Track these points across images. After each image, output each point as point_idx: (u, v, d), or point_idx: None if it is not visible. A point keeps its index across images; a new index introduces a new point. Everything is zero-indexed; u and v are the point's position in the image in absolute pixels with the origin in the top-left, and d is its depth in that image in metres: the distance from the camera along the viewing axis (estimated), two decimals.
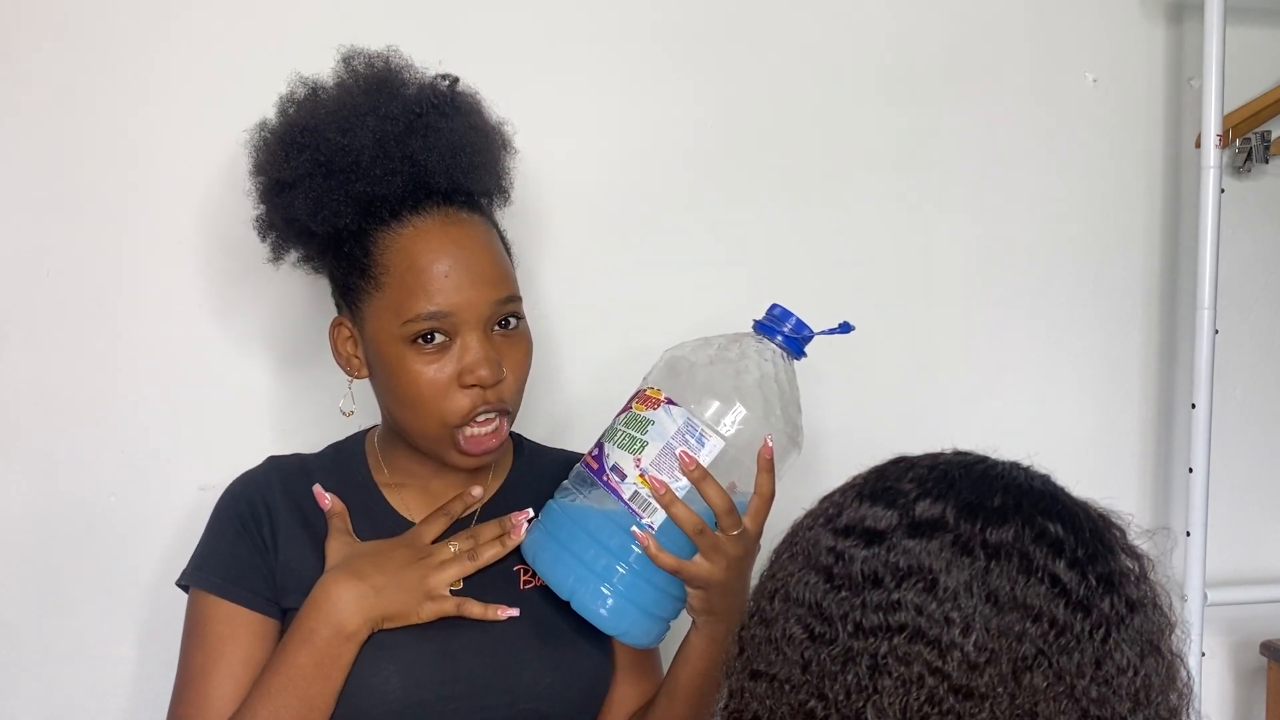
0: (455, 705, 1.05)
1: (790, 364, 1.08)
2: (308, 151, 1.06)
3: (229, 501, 1.12)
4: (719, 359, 1.05)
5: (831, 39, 1.56)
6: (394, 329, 1.04)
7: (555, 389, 1.46)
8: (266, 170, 1.10)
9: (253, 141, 1.12)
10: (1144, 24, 1.65)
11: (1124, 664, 0.68)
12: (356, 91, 1.09)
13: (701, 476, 1.00)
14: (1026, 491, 0.73)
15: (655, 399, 1.04)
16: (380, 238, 1.06)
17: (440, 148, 1.07)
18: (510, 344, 1.08)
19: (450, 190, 1.08)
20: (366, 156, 1.05)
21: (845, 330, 1.09)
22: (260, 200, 1.12)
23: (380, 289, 1.06)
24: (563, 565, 1.04)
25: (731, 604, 1.03)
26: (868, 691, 0.68)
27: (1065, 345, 1.66)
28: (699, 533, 1.00)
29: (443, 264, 1.04)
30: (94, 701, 1.38)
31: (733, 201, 1.53)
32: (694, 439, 1.01)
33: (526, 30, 1.45)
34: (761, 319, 1.08)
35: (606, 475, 1.04)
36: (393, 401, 1.08)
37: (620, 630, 1.05)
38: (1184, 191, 1.67)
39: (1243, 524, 1.72)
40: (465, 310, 1.04)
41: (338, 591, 1.03)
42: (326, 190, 1.05)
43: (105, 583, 1.37)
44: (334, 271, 1.11)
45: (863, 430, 1.56)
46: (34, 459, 1.35)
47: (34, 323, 1.34)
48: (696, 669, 1.07)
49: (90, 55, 1.34)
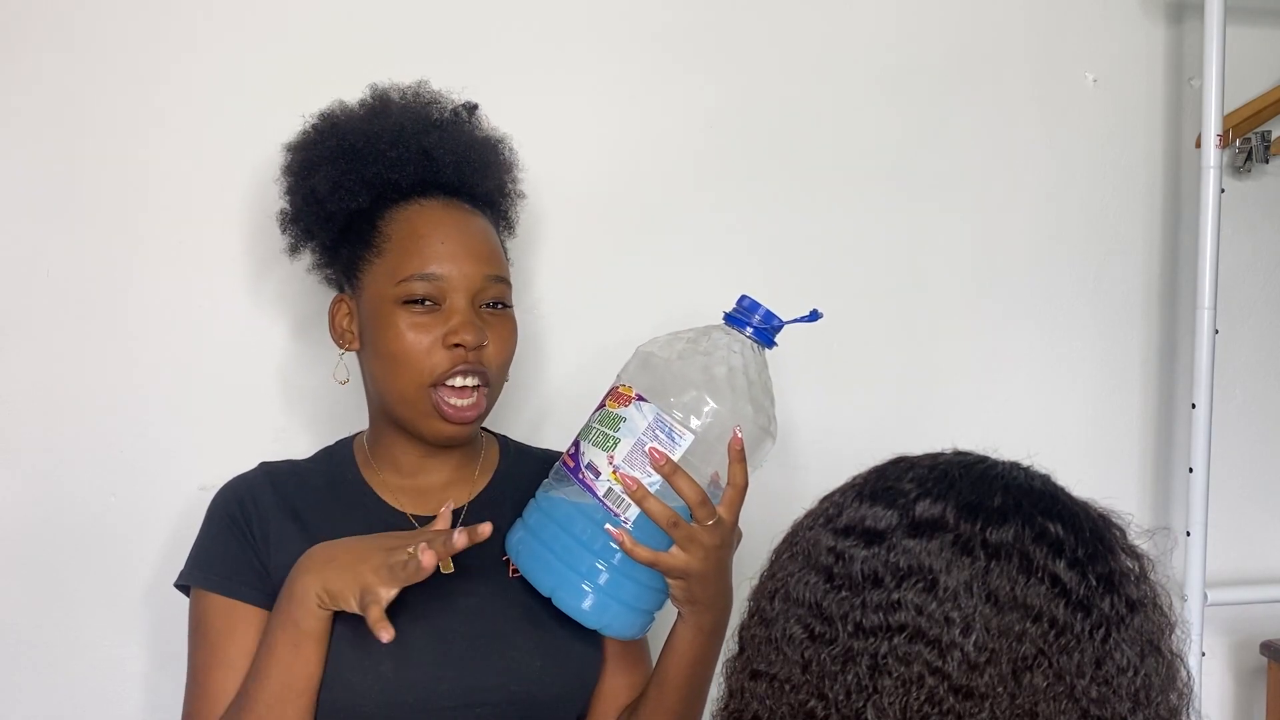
0: (447, 687, 1.07)
1: (761, 354, 1.09)
2: (334, 138, 1.16)
3: (219, 503, 1.15)
4: (688, 353, 1.07)
5: (831, 39, 1.56)
6: (389, 290, 1.11)
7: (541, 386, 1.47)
8: (295, 155, 1.19)
9: (290, 139, 1.20)
10: (1144, 24, 1.66)
11: (1124, 664, 0.68)
12: (388, 101, 1.20)
13: (672, 471, 1.02)
14: (1026, 491, 0.73)
15: (627, 396, 1.06)
16: (387, 213, 1.14)
17: (453, 147, 1.17)
18: (497, 322, 1.14)
19: (457, 185, 1.17)
20: (385, 143, 1.14)
21: (814, 318, 1.10)
22: (286, 191, 1.20)
23: (381, 255, 1.13)
24: (543, 564, 1.06)
25: (713, 593, 1.06)
26: (868, 691, 0.68)
27: (1065, 345, 1.66)
28: (673, 525, 1.02)
29: (440, 234, 1.12)
30: (94, 701, 1.38)
31: (732, 201, 1.53)
32: (664, 434, 1.03)
33: (520, 29, 1.45)
34: (730, 311, 1.10)
35: (582, 473, 1.06)
36: (377, 362, 1.12)
37: (603, 624, 1.07)
38: (1184, 192, 1.67)
39: (1243, 524, 1.72)
40: (456, 278, 1.11)
41: (308, 558, 1.05)
42: (346, 171, 1.14)
43: (105, 583, 1.37)
44: (342, 254, 1.17)
45: (862, 430, 1.56)
46: (34, 459, 1.35)
47: (34, 323, 1.34)
48: (684, 659, 1.09)
49: (90, 57, 1.34)
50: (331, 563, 1.04)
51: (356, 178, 1.14)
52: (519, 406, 1.41)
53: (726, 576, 1.07)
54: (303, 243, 1.21)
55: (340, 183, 1.14)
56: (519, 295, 1.19)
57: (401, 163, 1.14)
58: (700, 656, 1.09)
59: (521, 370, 1.18)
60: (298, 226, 1.19)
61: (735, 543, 1.08)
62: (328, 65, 1.36)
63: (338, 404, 1.33)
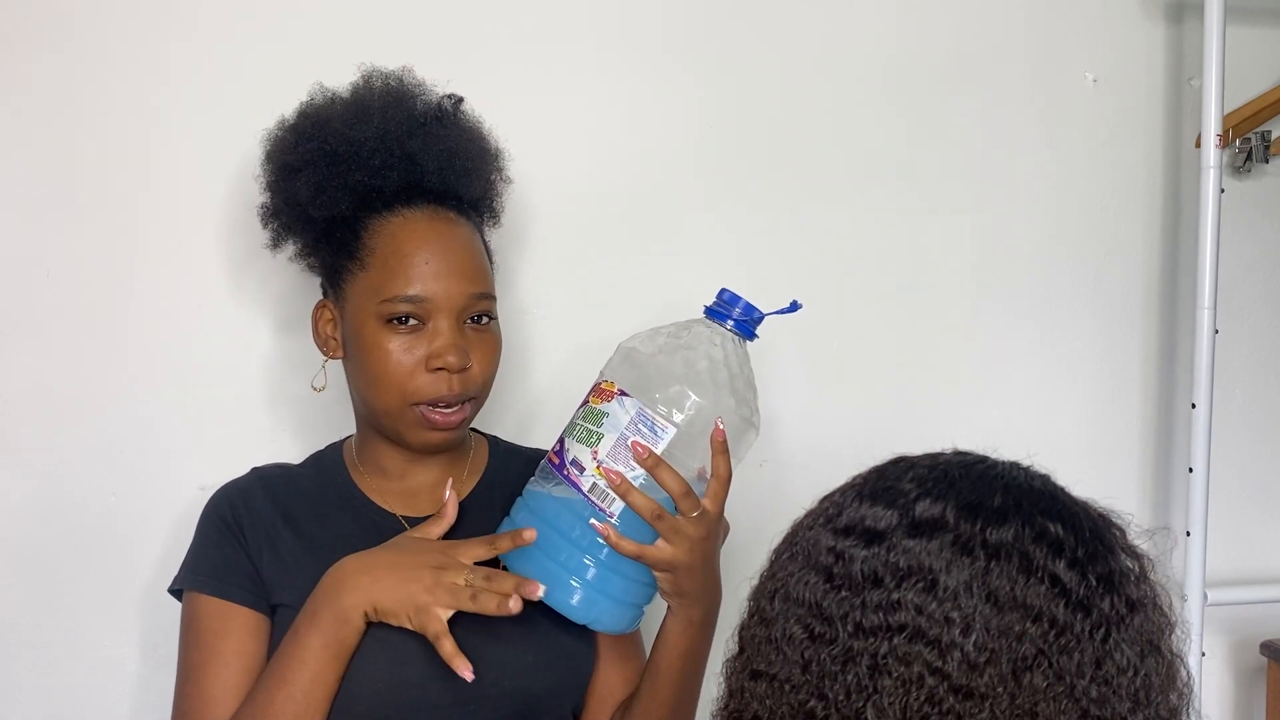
0: (440, 684, 1.06)
1: (742, 347, 1.10)
2: (315, 140, 1.13)
3: (211, 509, 1.16)
4: (669, 347, 1.07)
5: (831, 39, 1.56)
6: (372, 307, 1.10)
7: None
8: (276, 156, 1.17)
9: (269, 132, 1.18)
10: (1144, 24, 1.66)
11: (1124, 664, 0.68)
12: (369, 98, 1.16)
13: (655, 464, 1.02)
14: (1026, 491, 0.73)
15: (610, 391, 1.06)
16: (371, 224, 1.12)
17: (437, 152, 1.14)
18: (480, 338, 1.13)
19: (442, 192, 1.15)
20: (368, 149, 1.12)
21: (794, 309, 1.11)
22: (266, 187, 1.18)
23: (365, 269, 1.11)
24: (531, 561, 1.06)
25: (701, 585, 1.06)
26: (868, 691, 0.68)
27: (1065, 345, 1.66)
28: (657, 518, 1.02)
29: (425, 253, 1.10)
30: (94, 701, 1.38)
31: (730, 201, 1.53)
32: (647, 428, 1.03)
33: (517, 28, 1.45)
34: (711, 304, 1.10)
35: (567, 469, 1.06)
36: (362, 378, 1.13)
37: (591, 619, 1.07)
38: (1184, 191, 1.67)
39: (1243, 524, 1.72)
40: (440, 298, 1.10)
41: (343, 573, 1.05)
42: (328, 177, 1.12)
43: (105, 583, 1.37)
44: (324, 257, 1.16)
45: (862, 430, 1.56)
46: (34, 459, 1.35)
47: (34, 323, 1.34)
48: (675, 651, 1.09)
49: (90, 57, 1.34)
50: (376, 581, 1.03)
51: (339, 184, 1.12)
52: (507, 405, 1.41)
53: (714, 568, 1.08)
54: (283, 238, 1.20)
55: (322, 188, 1.12)
56: (507, 291, 1.18)
57: (385, 169, 1.12)
58: (691, 649, 1.09)
59: (509, 369, 1.18)
60: (278, 222, 1.19)
61: (722, 535, 1.09)
62: (325, 63, 1.36)
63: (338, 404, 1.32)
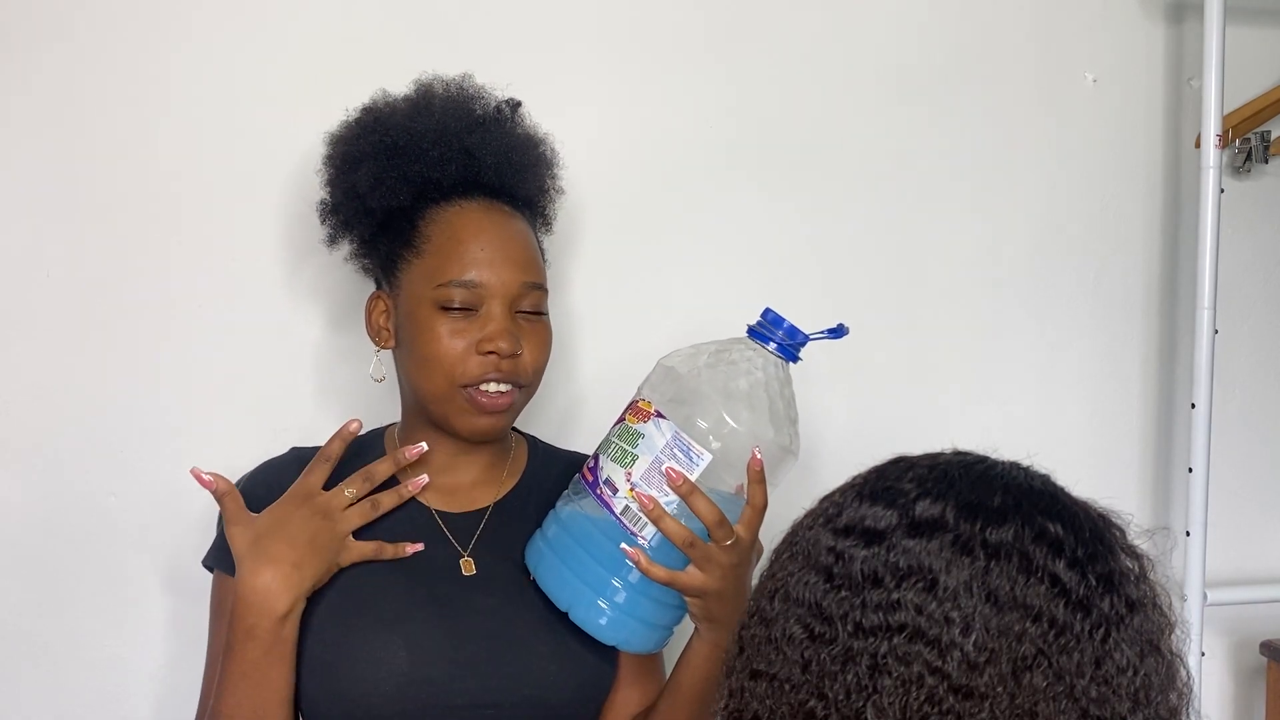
0: (461, 685, 1.06)
1: (784, 369, 1.07)
2: (377, 134, 1.16)
3: (245, 487, 1.14)
4: (708, 368, 1.05)
5: (833, 40, 1.56)
6: (426, 292, 1.11)
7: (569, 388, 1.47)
8: (337, 149, 1.19)
9: (333, 130, 1.20)
10: (1144, 24, 1.66)
11: (1124, 664, 0.68)
12: (430, 98, 1.19)
13: (689, 491, 1.01)
14: (1026, 491, 0.73)
15: (646, 411, 1.04)
16: (428, 213, 1.14)
17: (495, 147, 1.16)
18: (532, 328, 1.14)
19: (498, 187, 1.17)
20: (427, 141, 1.14)
21: (839, 334, 1.09)
22: (326, 182, 1.20)
23: (420, 256, 1.13)
24: (560, 579, 1.06)
25: (731, 611, 1.04)
26: (868, 691, 0.68)
27: (1065, 345, 1.66)
28: (689, 545, 1.01)
29: (480, 241, 1.12)
30: (94, 701, 1.38)
31: (736, 203, 1.53)
32: (682, 453, 1.01)
33: (536, 30, 1.45)
34: (754, 325, 1.08)
35: (600, 489, 1.05)
36: (412, 361, 1.13)
37: (619, 640, 1.06)
38: (1184, 191, 1.67)
39: (1243, 524, 1.72)
40: (494, 285, 1.11)
41: (261, 582, 1.04)
42: (388, 169, 1.14)
43: (105, 582, 1.37)
44: (380, 247, 1.18)
45: (862, 430, 1.56)
46: (34, 459, 1.35)
47: (34, 323, 1.34)
48: (699, 674, 1.08)
49: (90, 57, 1.34)
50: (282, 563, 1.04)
51: (398, 175, 1.13)
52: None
53: (745, 594, 1.06)
54: (341, 234, 1.20)
55: (382, 179, 1.14)
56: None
57: (444, 161, 1.14)
58: (714, 672, 1.06)
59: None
60: (337, 218, 1.19)
61: (755, 559, 1.07)
62: (325, 63, 1.36)
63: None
